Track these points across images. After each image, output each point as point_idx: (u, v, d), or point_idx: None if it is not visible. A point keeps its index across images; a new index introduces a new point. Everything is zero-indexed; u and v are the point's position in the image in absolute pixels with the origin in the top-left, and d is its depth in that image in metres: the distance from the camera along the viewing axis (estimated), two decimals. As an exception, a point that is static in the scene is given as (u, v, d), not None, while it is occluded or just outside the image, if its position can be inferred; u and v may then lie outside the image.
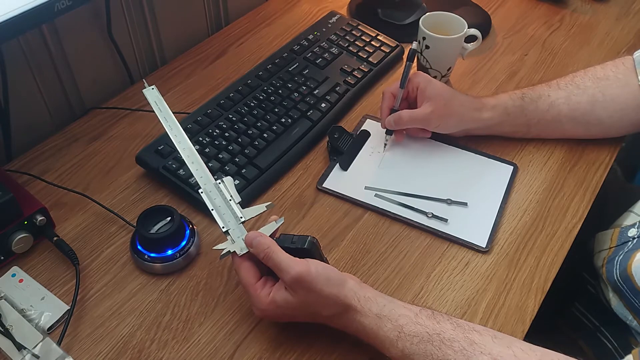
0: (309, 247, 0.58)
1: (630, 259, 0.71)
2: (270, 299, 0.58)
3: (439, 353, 0.54)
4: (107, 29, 0.87)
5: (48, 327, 0.62)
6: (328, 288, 0.56)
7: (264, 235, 0.59)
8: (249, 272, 0.59)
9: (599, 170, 0.80)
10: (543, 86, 0.80)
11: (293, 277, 0.56)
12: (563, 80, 0.79)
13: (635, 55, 0.78)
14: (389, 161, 0.80)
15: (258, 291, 0.58)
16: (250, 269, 0.59)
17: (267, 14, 1.07)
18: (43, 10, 0.63)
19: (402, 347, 0.55)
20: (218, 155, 0.76)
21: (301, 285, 0.56)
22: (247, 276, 0.59)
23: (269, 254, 0.57)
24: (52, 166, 0.79)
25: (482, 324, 0.62)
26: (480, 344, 0.54)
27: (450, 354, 0.53)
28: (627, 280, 0.71)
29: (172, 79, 0.93)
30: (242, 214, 0.62)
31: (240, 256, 0.60)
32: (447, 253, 0.71)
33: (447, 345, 0.54)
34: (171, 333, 0.63)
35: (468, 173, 0.79)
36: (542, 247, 0.71)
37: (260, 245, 0.58)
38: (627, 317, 0.74)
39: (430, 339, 0.55)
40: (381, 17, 1.04)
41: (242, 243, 0.60)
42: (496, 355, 0.53)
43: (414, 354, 0.55)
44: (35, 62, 0.81)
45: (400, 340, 0.55)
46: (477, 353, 0.53)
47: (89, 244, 0.70)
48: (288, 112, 0.83)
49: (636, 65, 0.77)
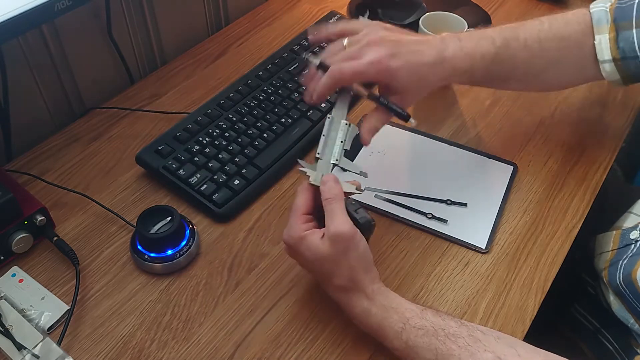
0: (364, 223, 0.59)
1: (635, 265, 0.70)
2: (304, 235, 0.58)
3: (443, 347, 0.54)
4: (107, 29, 0.87)
5: (48, 327, 0.62)
6: (356, 262, 0.57)
7: (339, 185, 0.60)
8: (304, 202, 0.60)
9: (599, 170, 0.80)
10: (513, 41, 0.72)
11: (338, 231, 0.56)
12: (530, 36, 0.72)
13: (592, 9, 0.73)
14: (389, 161, 0.80)
15: (299, 222, 0.59)
16: (308, 201, 0.60)
17: (267, 14, 1.07)
18: (43, 10, 0.63)
19: (407, 338, 0.56)
20: (218, 155, 0.76)
21: (338, 243, 0.56)
22: (299, 203, 0.59)
23: (331, 201, 0.58)
24: (52, 166, 0.79)
25: (482, 324, 0.62)
26: (484, 342, 0.54)
27: (455, 349, 0.54)
28: (630, 285, 0.71)
29: (172, 79, 0.93)
30: (340, 159, 0.63)
31: (308, 184, 0.60)
32: (447, 253, 0.71)
33: (451, 340, 0.54)
34: (171, 333, 0.63)
35: (468, 173, 0.79)
36: (542, 247, 0.71)
37: (331, 190, 0.59)
38: (629, 320, 0.74)
39: (436, 333, 0.55)
40: (381, 17, 1.04)
41: (319, 176, 0.60)
42: (500, 353, 0.53)
43: (418, 346, 0.55)
44: (35, 62, 0.81)
45: (405, 332, 0.56)
46: (481, 350, 0.53)
47: (89, 244, 0.70)
48: (288, 112, 0.83)
49: (594, 23, 0.72)
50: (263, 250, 0.70)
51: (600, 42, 0.72)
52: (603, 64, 0.73)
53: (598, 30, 0.72)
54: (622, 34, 0.71)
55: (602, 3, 0.73)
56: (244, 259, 0.70)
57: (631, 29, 0.70)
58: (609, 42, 0.71)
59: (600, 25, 0.72)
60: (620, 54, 0.71)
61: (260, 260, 0.69)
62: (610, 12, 0.72)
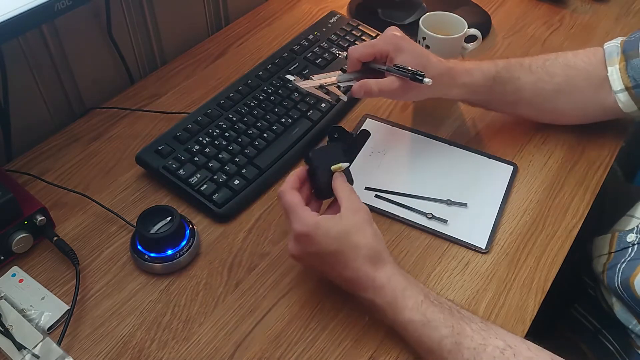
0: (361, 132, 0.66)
1: (634, 271, 0.70)
2: (318, 219, 0.59)
3: (457, 327, 0.55)
4: (107, 29, 0.87)
5: (48, 327, 0.62)
6: (377, 232, 0.61)
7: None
8: (299, 198, 0.61)
9: (599, 170, 0.80)
10: (517, 65, 0.78)
11: (358, 203, 0.61)
12: (535, 62, 0.78)
13: (605, 46, 0.78)
14: (389, 161, 0.80)
15: (306, 211, 0.60)
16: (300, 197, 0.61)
17: (267, 14, 1.07)
18: (43, 10, 0.63)
19: (425, 311, 0.57)
20: (218, 155, 0.76)
21: (359, 212, 0.60)
22: (296, 199, 0.61)
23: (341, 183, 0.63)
24: (52, 166, 0.79)
25: (482, 324, 0.63)
26: (496, 331, 0.56)
27: (468, 331, 0.55)
28: (628, 289, 0.71)
29: (172, 79, 0.93)
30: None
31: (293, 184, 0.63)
32: (447, 253, 0.71)
33: (466, 322, 0.56)
34: (171, 333, 0.63)
35: (468, 173, 0.79)
36: (542, 247, 0.71)
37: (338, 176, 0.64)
38: (631, 321, 0.74)
39: (451, 312, 0.57)
40: (381, 17, 1.04)
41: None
42: (510, 343, 0.54)
43: (436, 320, 0.56)
44: (35, 62, 0.81)
45: (424, 305, 0.57)
46: (493, 337, 0.55)
47: (89, 244, 0.70)
48: (288, 112, 0.83)
49: (606, 57, 0.76)
50: (263, 250, 0.70)
51: (612, 73, 0.75)
52: (617, 94, 0.76)
53: (610, 62, 0.76)
54: (631, 62, 0.74)
55: (615, 40, 0.78)
56: (244, 259, 0.70)
57: (638, 57, 0.74)
58: (619, 71, 0.75)
59: (612, 57, 0.76)
60: (632, 82, 0.74)
61: (260, 260, 0.69)
62: (620, 45, 0.76)
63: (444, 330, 0.55)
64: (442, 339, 0.55)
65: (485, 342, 0.54)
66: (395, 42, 0.72)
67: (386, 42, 0.72)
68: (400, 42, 0.72)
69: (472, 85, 0.76)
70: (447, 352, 0.55)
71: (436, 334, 0.55)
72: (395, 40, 0.72)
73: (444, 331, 0.55)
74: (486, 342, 0.54)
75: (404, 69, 0.70)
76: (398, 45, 0.71)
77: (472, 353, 0.54)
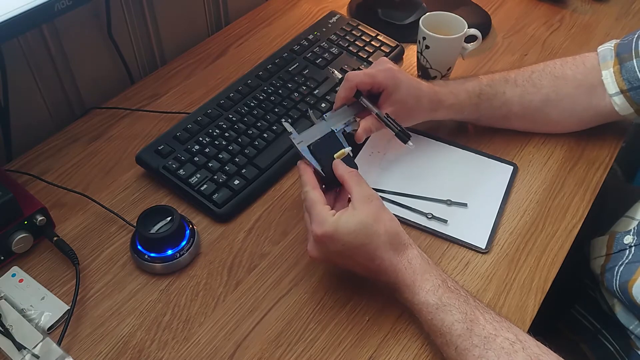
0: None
1: (633, 275, 0.71)
2: (337, 217, 0.59)
3: (471, 314, 0.56)
4: (107, 29, 0.87)
5: (48, 327, 0.62)
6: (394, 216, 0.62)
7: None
8: (319, 194, 0.61)
9: (599, 170, 0.80)
10: (502, 80, 0.79)
11: (370, 192, 0.61)
12: (521, 76, 0.79)
13: (599, 49, 0.78)
14: (389, 162, 0.80)
15: (326, 210, 0.60)
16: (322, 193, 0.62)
17: (267, 14, 1.07)
18: (43, 10, 0.63)
19: (441, 295, 0.58)
20: (218, 155, 0.76)
21: (373, 201, 0.60)
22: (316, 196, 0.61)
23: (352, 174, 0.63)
24: (52, 166, 0.79)
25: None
26: (507, 324, 0.56)
27: (481, 319, 0.56)
28: (626, 294, 0.71)
29: (172, 79, 0.93)
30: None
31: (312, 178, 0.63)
32: (447, 253, 0.71)
33: (480, 312, 0.57)
34: (171, 333, 0.63)
35: (468, 173, 0.79)
36: (542, 247, 0.71)
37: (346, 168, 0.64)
38: (632, 322, 0.74)
39: (467, 300, 0.58)
40: (381, 17, 1.04)
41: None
42: (521, 337, 0.55)
43: (451, 305, 0.57)
44: (35, 62, 0.81)
45: (441, 289, 0.58)
46: (504, 328, 0.55)
47: (89, 244, 0.70)
48: (288, 112, 0.83)
49: (600, 61, 0.77)
50: (263, 250, 0.70)
51: (606, 76, 0.76)
52: (613, 98, 0.76)
53: (604, 66, 0.76)
54: (625, 65, 0.74)
55: (609, 43, 0.78)
56: (244, 259, 0.70)
57: (632, 60, 0.74)
58: (614, 75, 0.75)
59: (605, 61, 0.76)
60: (627, 84, 0.74)
61: (260, 260, 0.69)
62: (614, 48, 0.76)
63: (457, 315, 0.56)
64: (453, 322, 0.56)
65: (497, 332, 0.55)
66: (394, 78, 0.72)
67: (386, 77, 0.72)
68: (398, 78, 0.73)
69: (459, 105, 0.77)
70: (457, 336, 0.55)
71: (449, 317, 0.56)
72: (394, 76, 0.72)
73: (457, 316, 0.56)
74: (497, 332, 0.55)
75: (394, 124, 0.72)
76: (397, 82, 0.72)
77: (481, 341, 0.54)
